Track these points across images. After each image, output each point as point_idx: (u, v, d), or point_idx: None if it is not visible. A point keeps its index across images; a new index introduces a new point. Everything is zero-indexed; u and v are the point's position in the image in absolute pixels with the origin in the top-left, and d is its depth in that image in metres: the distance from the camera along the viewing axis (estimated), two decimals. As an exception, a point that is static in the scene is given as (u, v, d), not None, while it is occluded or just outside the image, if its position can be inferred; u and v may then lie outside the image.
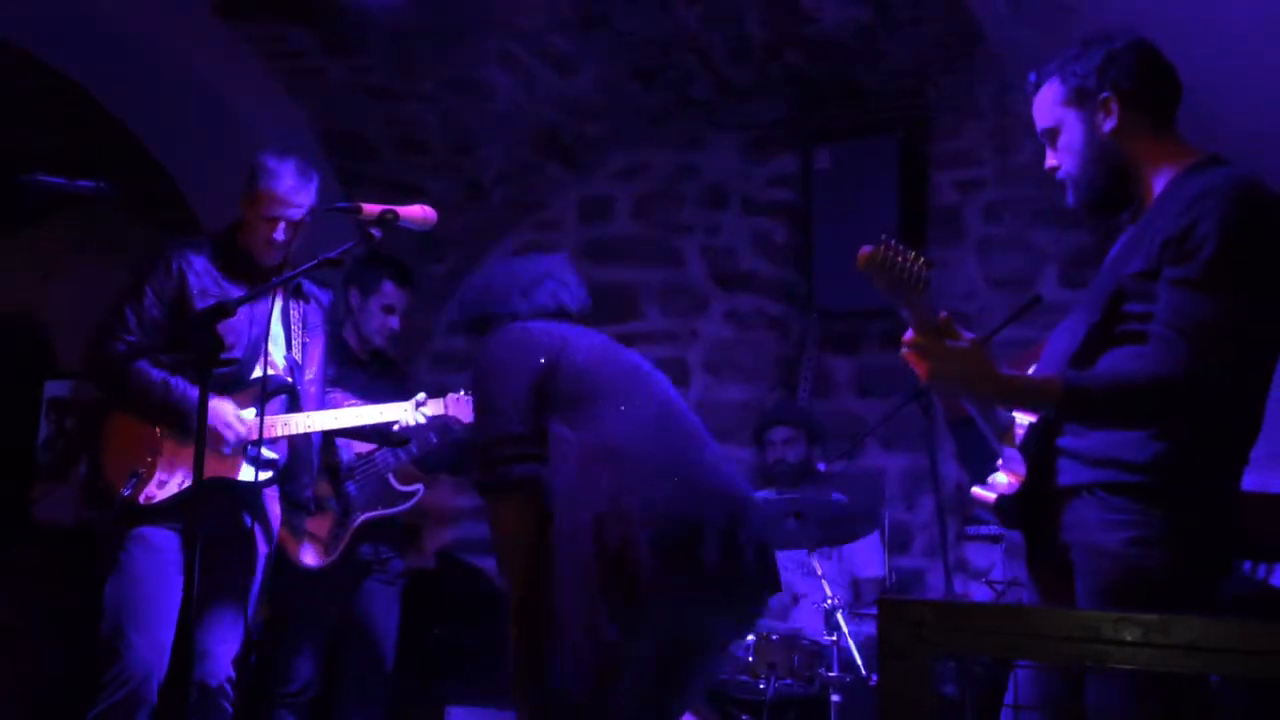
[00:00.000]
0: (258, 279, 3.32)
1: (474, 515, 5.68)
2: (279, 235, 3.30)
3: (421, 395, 3.67)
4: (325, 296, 3.59)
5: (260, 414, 3.16)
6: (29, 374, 6.99)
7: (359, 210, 2.95)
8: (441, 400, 3.70)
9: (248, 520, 3.28)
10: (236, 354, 3.26)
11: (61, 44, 4.93)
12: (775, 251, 5.43)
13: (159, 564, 3.18)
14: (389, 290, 4.20)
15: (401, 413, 3.61)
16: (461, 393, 3.76)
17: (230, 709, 3.24)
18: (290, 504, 3.46)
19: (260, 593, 3.34)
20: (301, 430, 3.36)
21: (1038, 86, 2.37)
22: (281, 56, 5.05)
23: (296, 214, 3.31)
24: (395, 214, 2.94)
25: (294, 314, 3.43)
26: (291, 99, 5.21)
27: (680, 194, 5.53)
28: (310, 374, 3.45)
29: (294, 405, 3.39)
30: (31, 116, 5.68)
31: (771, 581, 2.53)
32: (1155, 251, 2.12)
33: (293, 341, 3.41)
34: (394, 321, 4.22)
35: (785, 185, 5.43)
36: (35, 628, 5.41)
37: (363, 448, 3.98)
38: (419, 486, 4.09)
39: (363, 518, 3.97)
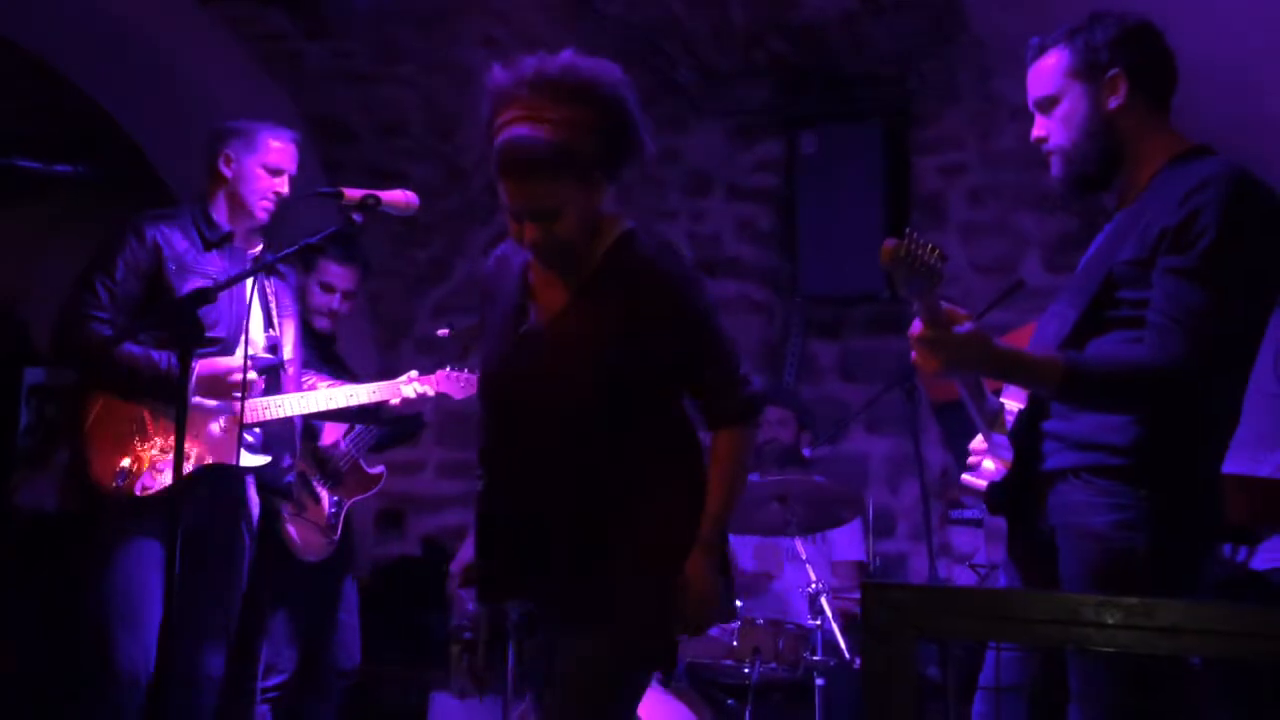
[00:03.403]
0: (234, 251, 3.27)
1: (458, 502, 5.68)
2: (284, 188, 3.28)
3: (414, 372, 3.65)
4: (293, 275, 3.53)
5: (243, 395, 3.10)
6: (9, 361, 6.96)
7: (341, 195, 2.93)
8: (432, 376, 3.67)
9: (238, 508, 3.23)
10: (220, 333, 3.18)
11: (40, 28, 4.89)
12: (760, 237, 5.42)
13: (147, 561, 3.10)
14: (330, 268, 4.01)
15: (393, 391, 3.58)
16: (448, 369, 3.72)
17: (214, 706, 3.22)
18: (270, 490, 3.36)
19: (244, 585, 3.28)
20: (297, 411, 3.30)
21: (1041, 51, 2.30)
22: (262, 40, 5.02)
23: (295, 168, 3.31)
24: (377, 199, 2.93)
25: (269, 292, 3.36)
26: (272, 83, 5.18)
27: (664, 179, 5.52)
28: (289, 353, 3.37)
29: (275, 385, 3.31)
30: (10, 101, 5.64)
31: None
32: (1151, 240, 2.12)
33: (272, 319, 3.34)
34: (335, 302, 4.04)
35: (770, 171, 5.42)
36: (16, 616, 5.39)
37: (334, 434, 3.95)
38: (382, 467, 4.08)
39: (349, 503, 3.96)
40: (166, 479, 3.09)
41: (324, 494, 3.90)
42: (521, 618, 2.64)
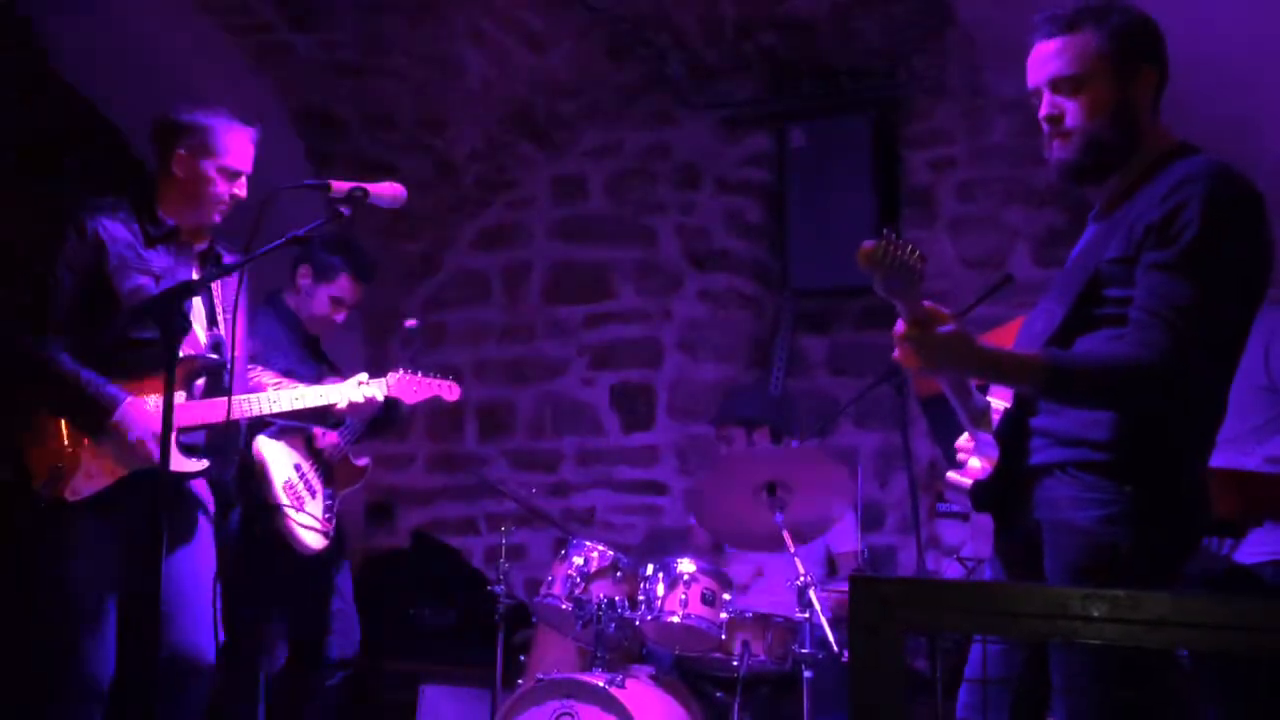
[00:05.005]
0: (180, 247, 3.20)
1: (448, 496, 5.67)
2: (241, 191, 3.19)
3: (364, 375, 3.61)
4: (233, 260, 3.23)
5: (189, 395, 3.02)
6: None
7: (328, 187, 2.91)
8: (383, 380, 3.65)
9: (188, 502, 3.18)
10: (155, 335, 3.02)
11: (25, 19, 4.86)
12: (749, 231, 5.42)
13: (99, 562, 3.03)
14: (343, 283, 4.04)
15: (342, 394, 3.52)
16: (401, 372, 3.72)
17: (205, 696, 3.19)
18: (211, 482, 3.27)
19: (216, 571, 3.21)
20: (238, 415, 3.18)
21: (1064, 28, 2.25)
22: (249, 31, 4.99)
23: (251, 166, 3.20)
24: (365, 191, 2.91)
25: (214, 287, 3.22)
26: (260, 75, 5.16)
27: (653, 173, 5.52)
28: (235, 351, 3.25)
29: (217, 385, 3.20)
30: (-5, 93, 5.60)
31: None
32: (1137, 237, 2.13)
33: (217, 317, 3.23)
34: (340, 316, 4.07)
35: (759, 164, 5.42)
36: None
37: None
38: (368, 459, 4.07)
39: (340, 495, 3.97)
40: (99, 483, 3.04)
41: (319, 487, 3.90)
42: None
